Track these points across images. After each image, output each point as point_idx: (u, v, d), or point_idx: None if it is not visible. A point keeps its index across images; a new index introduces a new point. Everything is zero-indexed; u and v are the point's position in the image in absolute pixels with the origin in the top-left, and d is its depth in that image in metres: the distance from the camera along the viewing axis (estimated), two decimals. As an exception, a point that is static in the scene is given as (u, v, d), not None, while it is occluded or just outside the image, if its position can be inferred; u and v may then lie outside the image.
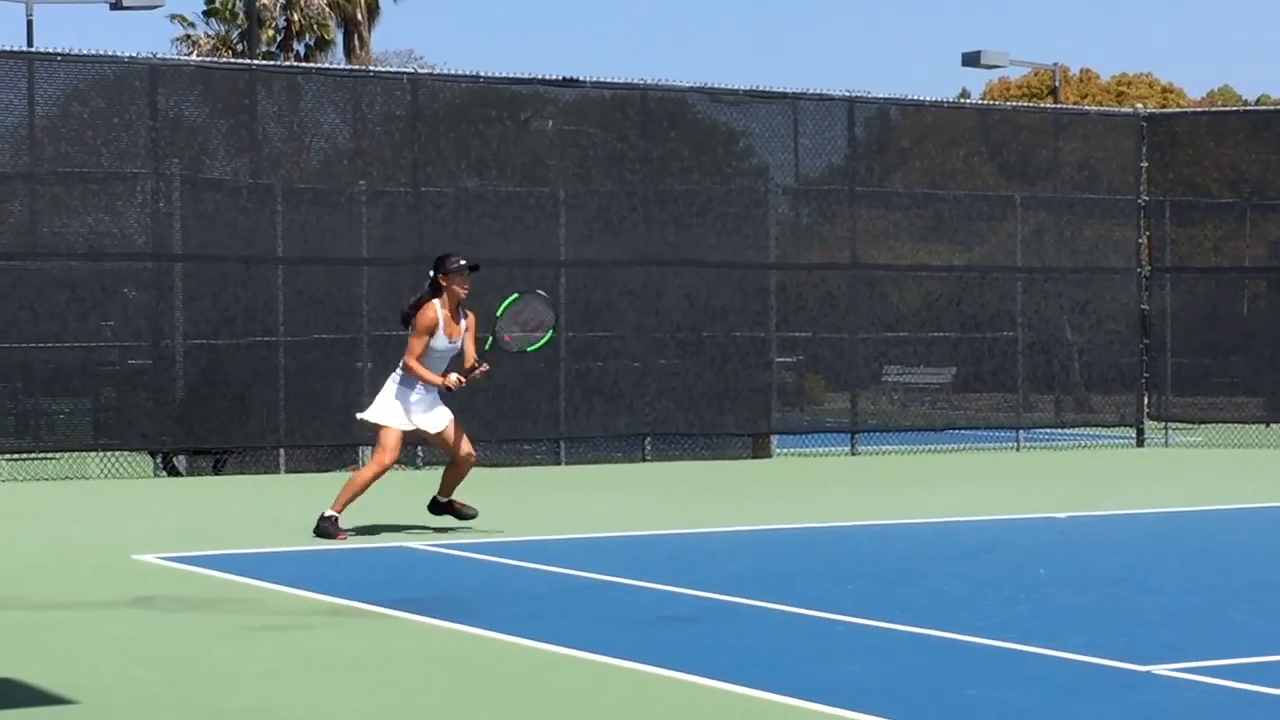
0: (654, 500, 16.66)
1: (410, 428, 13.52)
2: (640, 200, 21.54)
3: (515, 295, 13.78)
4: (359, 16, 51.99)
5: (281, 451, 19.95)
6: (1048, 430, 24.99)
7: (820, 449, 22.86)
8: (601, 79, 21.68)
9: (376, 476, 13.54)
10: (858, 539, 13.78)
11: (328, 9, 51.52)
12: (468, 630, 9.05)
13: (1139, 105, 29.49)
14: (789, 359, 23.10)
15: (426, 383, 13.32)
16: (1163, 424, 24.88)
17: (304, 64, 44.52)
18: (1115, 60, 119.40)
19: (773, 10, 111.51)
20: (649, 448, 21.49)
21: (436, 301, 13.33)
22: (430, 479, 19.22)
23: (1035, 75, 56.61)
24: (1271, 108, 38.05)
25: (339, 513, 13.33)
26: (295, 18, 51.29)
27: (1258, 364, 25.17)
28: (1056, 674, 7.98)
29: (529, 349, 13.89)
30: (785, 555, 12.66)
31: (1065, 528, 14.51)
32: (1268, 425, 25.28)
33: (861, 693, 7.55)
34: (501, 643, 8.74)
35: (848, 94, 23.00)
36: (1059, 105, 35.14)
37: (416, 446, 20.42)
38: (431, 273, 13.51)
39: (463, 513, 13.81)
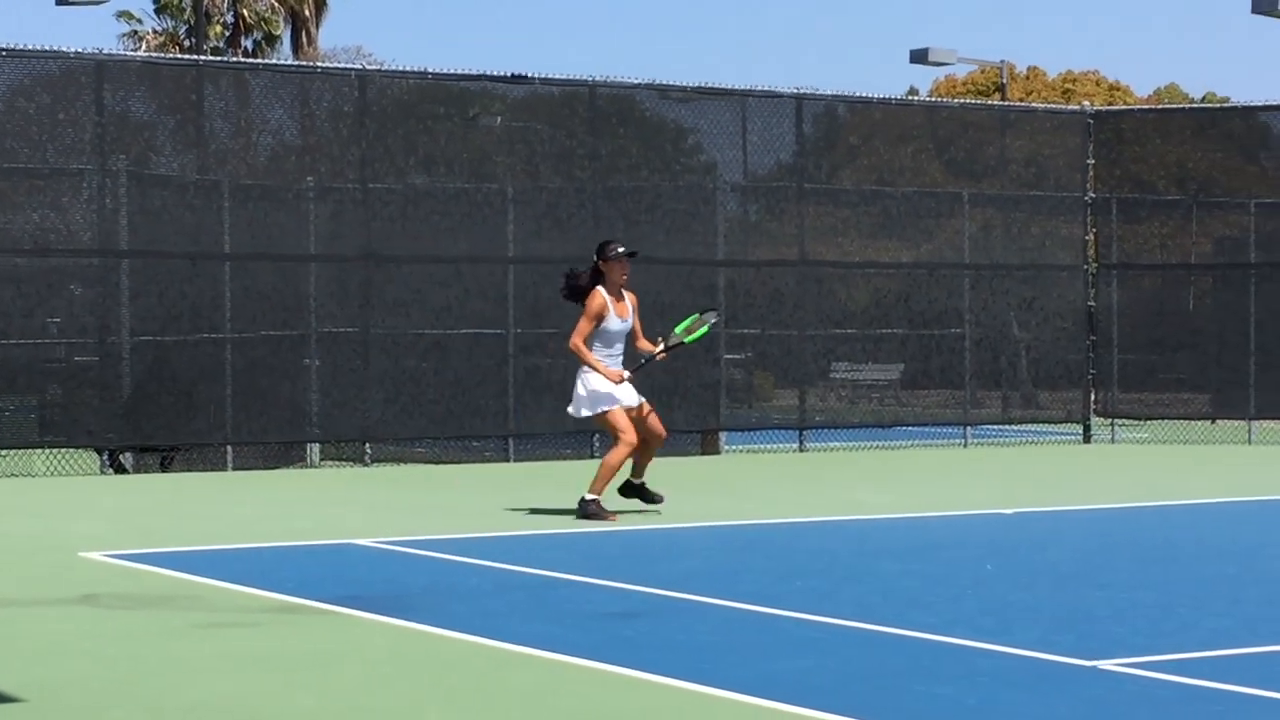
0: (603, 496, 16.64)
1: (629, 403, 14.26)
2: (589, 197, 21.54)
3: (705, 329, 15.09)
4: (307, 12, 51.85)
5: (229, 448, 19.88)
6: (995, 426, 25.08)
7: (769, 445, 22.90)
8: (550, 75, 21.67)
9: (629, 455, 14.26)
10: (806, 535, 13.81)
11: (275, 5, 51.38)
12: (417, 627, 9.03)
13: (1086, 103, 29.60)
14: (738, 356, 23.12)
15: (589, 366, 14.19)
16: (1109, 420, 24.99)
17: (251, 60, 44.38)
18: (1062, 58, 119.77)
19: (721, 7, 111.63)
20: (598, 444, 21.47)
21: (600, 287, 14.23)
22: (379, 475, 19.21)
23: (983, 72, 56.80)
24: (1217, 105, 38.25)
25: (599, 495, 14.20)
26: (243, 14, 51.13)
27: (1203, 360, 25.31)
28: (1005, 669, 8.01)
29: (699, 334, 15.05)
30: (734, 551, 12.67)
31: (1012, 524, 14.57)
32: (1213, 421, 25.42)
33: (810, 689, 7.56)
34: (451, 640, 8.72)
35: (796, 91, 23.04)
36: (1006, 103, 35.26)
37: (365, 445, 20.40)
38: (595, 259, 14.44)
39: (652, 498, 14.60)
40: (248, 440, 20.00)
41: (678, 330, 14.92)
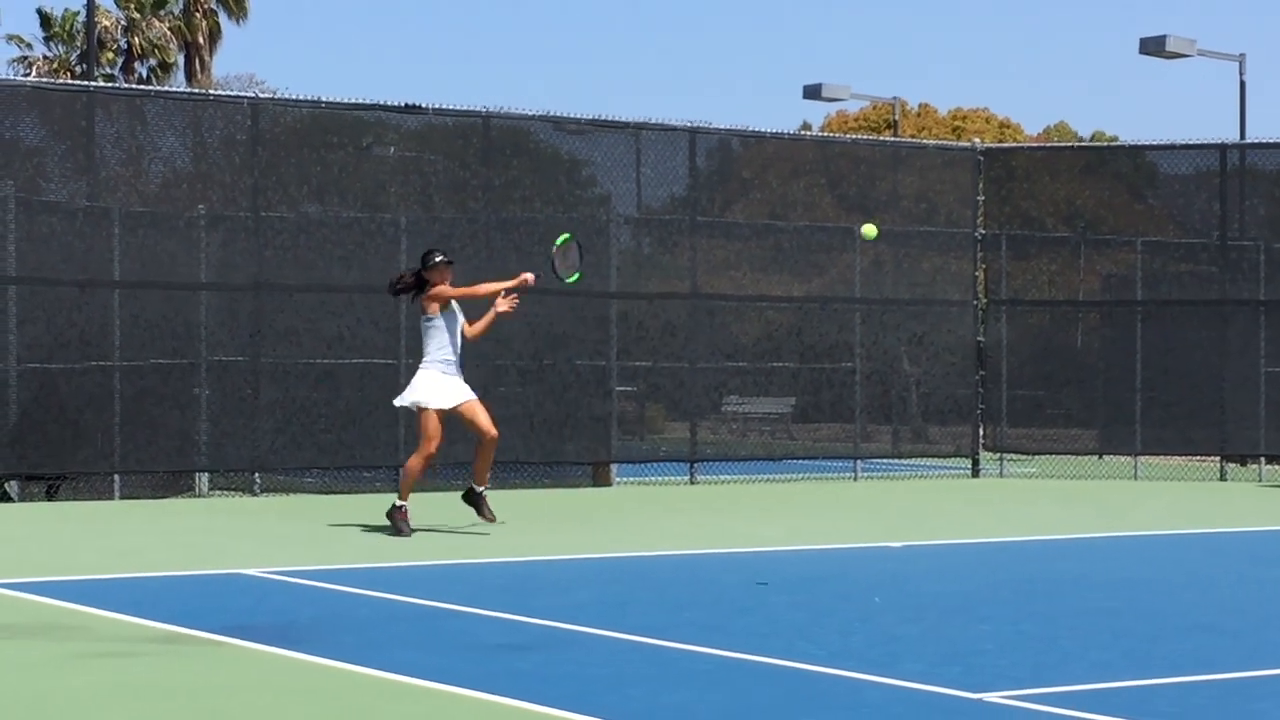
0: (494, 528, 16.61)
1: (447, 407, 15.10)
2: (482, 228, 21.52)
3: (568, 235, 15.86)
4: (200, 40, 51.61)
5: (116, 477, 19.70)
6: (885, 460, 25.22)
7: (660, 478, 22.92)
8: (444, 106, 21.65)
9: (425, 465, 15.29)
10: (696, 567, 13.83)
11: (169, 33, 51.08)
12: (304, 658, 8.98)
13: (976, 140, 29.87)
14: (629, 388, 23.15)
15: (489, 294, 15.52)
16: (998, 455, 25.19)
17: (144, 87, 44.08)
18: (953, 95, 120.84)
19: (616, 40, 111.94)
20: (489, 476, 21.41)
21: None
22: (268, 505, 19.09)
23: (875, 108, 57.20)
24: (1106, 144, 38.68)
25: (404, 502, 15.20)
26: (136, 41, 50.81)
27: (1091, 396, 25.55)
28: (892, 702, 8.05)
29: (568, 280, 15.89)
30: (625, 583, 12.68)
31: (901, 557, 14.65)
32: (1100, 457, 25.67)
33: (698, 720, 7.58)
34: (338, 671, 8.68)
35: (690, 124, 23.12)
36: (898, 138, 35.53)
37: (255, 474, 20.28)
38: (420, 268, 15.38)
39: (484, 514, 15.52)
40: (135, 469, 19.83)
41: (556, 244, 15.89)
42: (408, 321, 21.00)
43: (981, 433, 25.06)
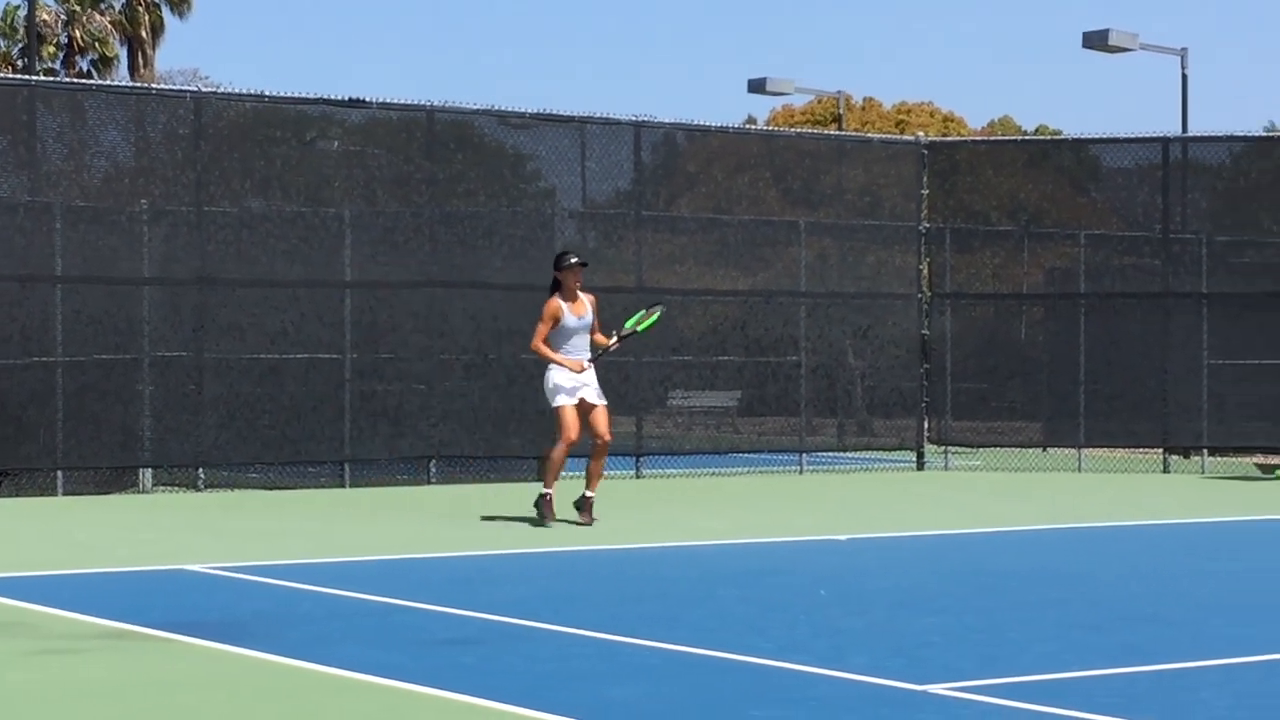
0: (440, 523, 16.60)
1: (585, 400, 16.07)
2: (426, 222, 21.49)
3: (656, 318, 16.85)
4: (143, 34, 51.34)
5: (59, 474, 19.60)
6: (830, 454, 25.27)
7: (605, 472, 22.81)
8: (388, 100, 21.61)
9: (566, 451, 16.16)
10: (643, 561, 13.84)
11: (111, 26, 50.82)
12: (250, 654, 8.95)
13: (920, 133, 29.95)
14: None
15: (549, 361, 16.06)
16: (942, 448, 25.27)
17: (85, 81, 43.84)
18: (898, 89, 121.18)
19: (560, 33, 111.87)
20: (434, 470, 21.42)
21: (556, 293, 16.11)
22: (213, 501, 19.01)
23: (820, 102, 57.34)
24: (1049, 138, 38.84)
25: (549, 490, 16.11)
26: (77, 34, 50.53)
27: (1035, 389, 25.65)
28: (839, 694, 8.07)
29: (644, 324, 16.78)
30: (571, 577, 12.67)
31: (847, 550, 14.68)
32: (1044, 449, 25.77)
33: (645, 714, 7.58)
34: (285, 666, 8.65)
35: (634, 118, 23.12)
36: (842, 132, 35.61)
37: (199, 470, 20.20)
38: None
39: (581, 517, 16.23)
40: (78, 465, 19.74)
41: (628, 324, 16.63)
42: (352, 317, 20.98)
43: (926, 426, 25.14)
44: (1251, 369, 24.48)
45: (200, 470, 20.29)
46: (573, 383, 16.07)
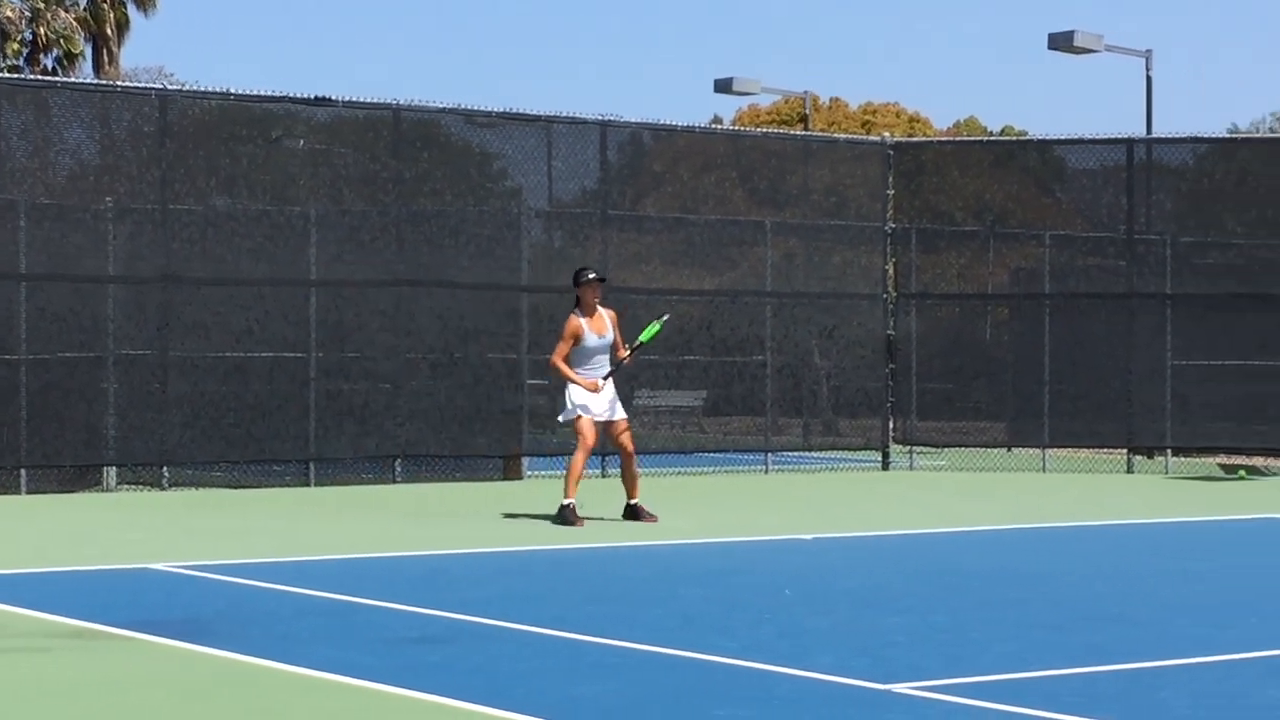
0: (405, 522, 16.59)
1: (600, 416, 16.32)
2: (392, 221, 21.46)
3: (659, 327, 16.92)
4: (108, 31, 51.15)
5: (23, 472, 19.53)
6: (795, 454, 25.29)
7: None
8: (354, 98, 21.57)
9: (585, 459, 16.36)
10: (608, 561, 13.85)
11: (75, 23, 50.64)
12: (213, 653, 8.94)
13: (886, 134, 30.00)
14: (541, 381, 23.11)
15: (568, 380, 16.28)
16: (907, 448, 25.31)
17: (50, 78, 43.70)
18: (863, 90, 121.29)
19: (527, 32, 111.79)
20: (399, 469, 21.40)
21: (576, 310, 16.36)
22: (177, 500, 18.97)
23: (786, 102, 57.38)
24: (1014, 139, 38.93)
25: (571, 499, 16.11)
26: (42, 31, 50.34)
27: (1000, 389, 25.72)
28: (803, 694, 8.09)
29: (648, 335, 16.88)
30: (536, 576, 12.68)
31: (811, 549, 14.71)
32: (1009, 449, 25.84)
33: (609, 713, 7.59)
34: (248, 665, 8.64)
35: (601, 118, 23.12)
36: (808, 133, 35.65)
37: (163, 468, 20.15)
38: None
39: (641, 517, 16.53)
40: (42, 463, 19.67)
41: (641, 337, 16.81)
42: (318, 315, 20.94)
43: (891, 425, 25.18)
44: (1215, 369, 24.58)
45: (165, 469, 20.24)
46: (590, 399, 16.28)
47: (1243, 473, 24.25)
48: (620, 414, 16.53)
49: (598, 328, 16.32)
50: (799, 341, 24.62)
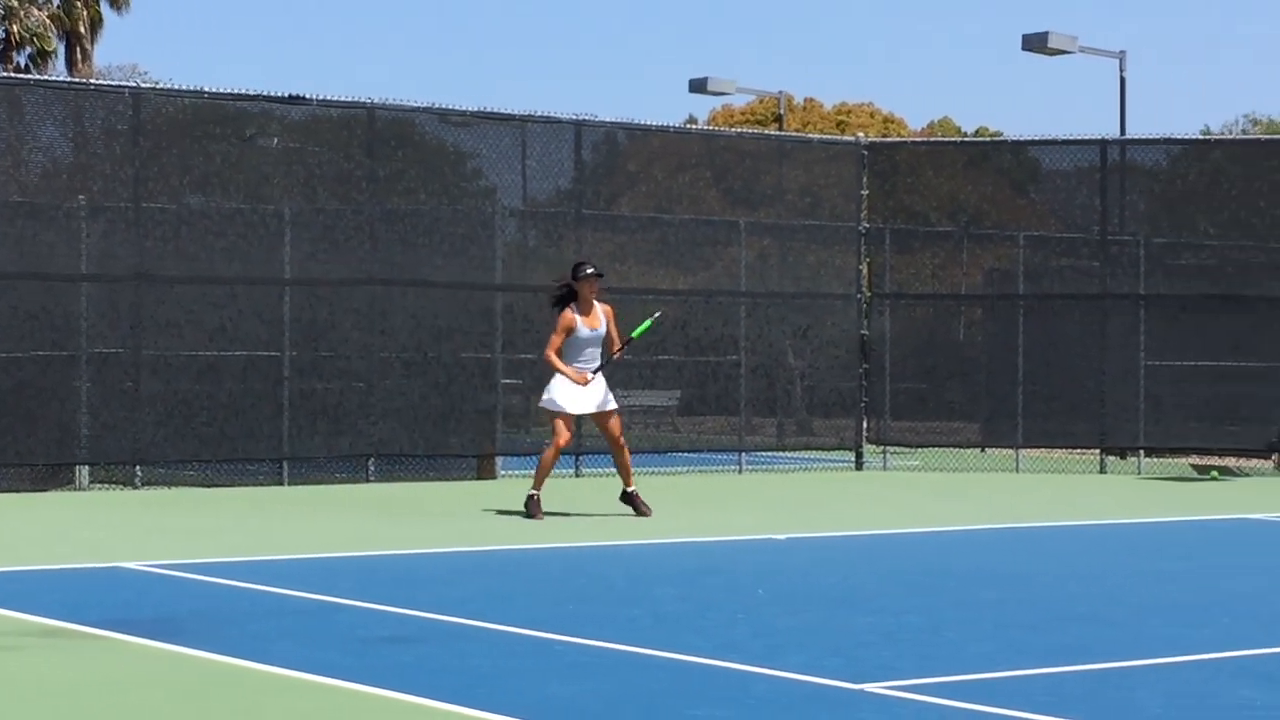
0: (378, 521, 16.57)
1: (576, 410, 16.64)
2: (366, 219, 21.43)
3: (649, 323, 17.37)
4: (81, 29, 51.01)
5: (-6, 470, 19.48)
6: (769, 454, 25.30)
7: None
8: (328, 97, 21.53)
9: (556, 456, 16.75)
10: (581, 560, 13.84)
11: (48, 21, 50.49)
12: (186, 652, 8.92)
13: (861, 134, 30.02)
14: (514, 381, 23.10)
15: (559, 372, 16.53)
16: (881, 448, 25.33)
17: (22, 75, 43.58)
18: (838, 90, 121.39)
19: (501, 32, 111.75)
20: (373, 468, 21.36)
21: (571, 304, 16.57)
22: (150, 499, 18.93)
23: (761, 103, 57.43)
24: (988, 139, 38.98)
25: (537, 490, 16.64)
26: (14, 29, 50.19)
27: (973, 389, 25.75)
28: (776, 693, 8.09)
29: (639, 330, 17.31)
30: (510, 576, 12.67)
31: (785, 549, 14.71)
32: (983, 450, 25.87)
33: (583, 712, 7.59)
34: (221, 665, 8.62)
35: (575, 117, 23.10)
36: (783, 133, 35.66)
37: (136, 467, 20.10)
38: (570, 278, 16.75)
39: (640, 509, 16.90)
40: (14, 462, 19.61)
41: (632, 334, 17.14)
42: (291, 314, 20.91)
43: (865, 425, 25.19)
44: (1188, 370, 24.64)
45: (137, 468, 20.19)
46: (574, 394, 16.55)
47: (1215, 473, 24.31)
48: (611, 404, 16.78)
49: (591, 322, 16.60)
50: (773, 341, 24.63)
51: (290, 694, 8.01)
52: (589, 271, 16.69)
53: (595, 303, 16.65)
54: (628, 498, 16.95)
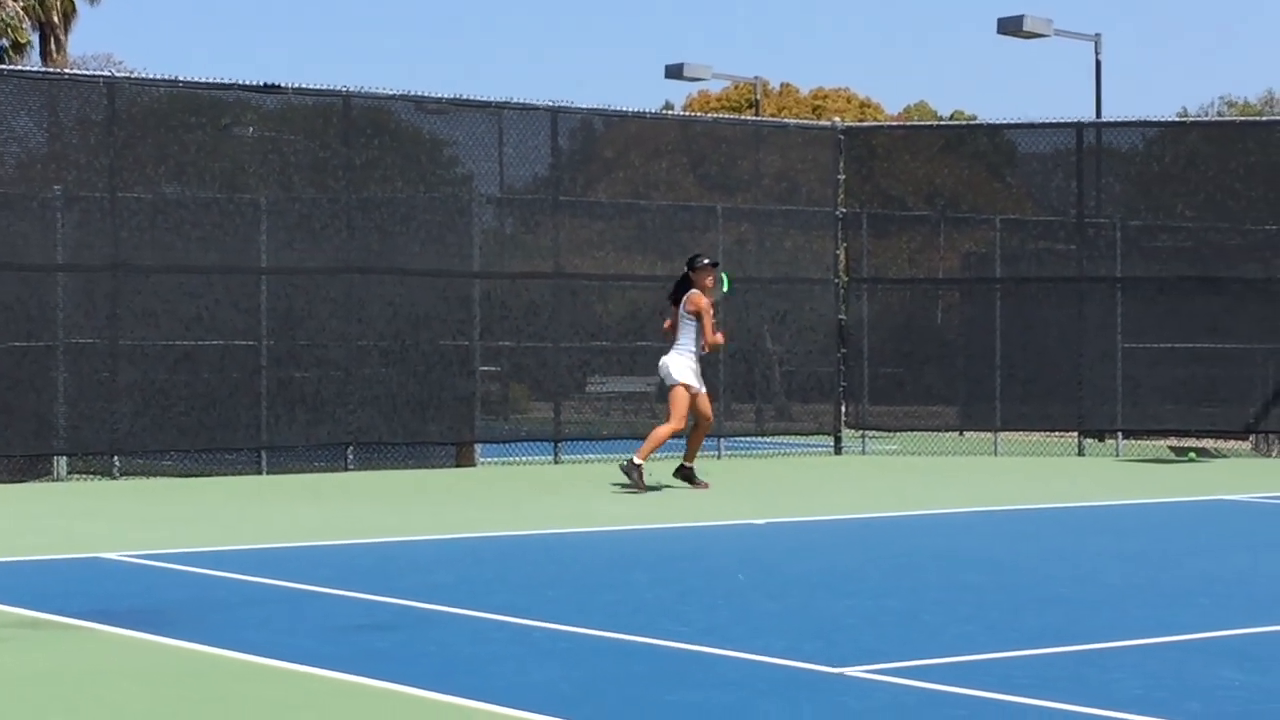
0: (357, 509, 16.56)
1: (697, 387, 18.15)
2: (343, 208, 21.39)
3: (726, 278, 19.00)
4: (55, 19, 50.87)
5: (-29, 462, 19.43)
6: (748, 438, 25.31)
7: (524, 458, 22.89)
8: (304, 85, 21.49)
9: (672, 434, 18.21)
10: (560, 547, 13.84)
11: (22, 12, 50.34)
12: (166, 641, 8.91)
13: (837, 119, 30.02)
14: (492, 368, 23.09)
15: (704, 326, 17.99)
16: (860, 432, 25.35)
17: (-3, 66, 43.43)
18: (814, 75, 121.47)
19: (477, 18, 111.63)
20: (351, 457, 21.34)
21: (695, 291, 18.11)
22: (128, 489, 18.91)
23: (736, 88, 57.44)
24: (965, 124, 38.99)
25: (643, 460, 17.86)
26: (-13, 20, 50.02)
27: (951, 373, 25.78)
28: (754, 677, 8.09)
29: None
30: (488, 563, 12.66)
31: (764, 534, 14.72)
32: (961, 433, 25.90)
33: (561, 698, 7.58)
34: (200, 654, 8.61)
35: (552, 104, 23.08)
36: (759, 118, 35.65)
37: (114, 457, 20.06)
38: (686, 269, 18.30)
39: (696, 483, 18.47)
40: (-9, 453, 19.57)
41: (724, 290, 18.96)
42: (268, 303, 20.87)
43: (844, 410, 25.21)
44: (1165, 352, 24.68)
45: (115, 458, 20.14)
46: (694, 374, 18.16)
47: (1193, 455, 24.37)
48: (704, 387, 18.33)
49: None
50: (751, 327, 24.63)
51: (268, 682, 8.01)
52: (706, 262, 18.31)
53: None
54: (686, 472, 18.49)
